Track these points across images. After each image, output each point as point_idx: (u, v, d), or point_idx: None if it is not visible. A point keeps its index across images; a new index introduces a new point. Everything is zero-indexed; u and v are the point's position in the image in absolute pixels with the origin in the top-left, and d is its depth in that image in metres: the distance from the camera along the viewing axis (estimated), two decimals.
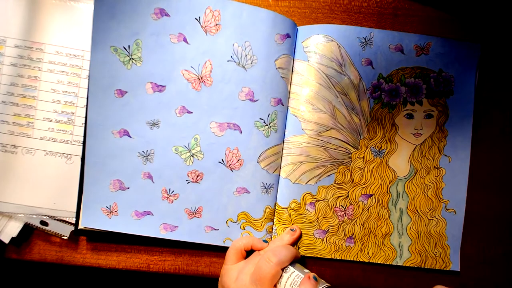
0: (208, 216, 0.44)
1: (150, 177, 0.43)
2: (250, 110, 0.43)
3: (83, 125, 0.43)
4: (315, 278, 0.37)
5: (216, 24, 0.42)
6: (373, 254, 0.45)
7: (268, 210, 0.45)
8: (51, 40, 0.43)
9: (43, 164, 0.43)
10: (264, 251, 0.40)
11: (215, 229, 0.44)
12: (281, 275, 0.38)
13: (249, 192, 0.44)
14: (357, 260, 0.45)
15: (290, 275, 0.37)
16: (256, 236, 0.44)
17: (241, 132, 0.43)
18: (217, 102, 0.43)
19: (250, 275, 0.37)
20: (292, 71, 0.45)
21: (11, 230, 0.43)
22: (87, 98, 0.41)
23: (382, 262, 0.45)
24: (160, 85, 0.42)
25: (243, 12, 0.42)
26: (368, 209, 0.45)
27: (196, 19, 0.42)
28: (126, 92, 0.41)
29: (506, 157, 0.46)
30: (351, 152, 0.45)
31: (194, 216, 0.44)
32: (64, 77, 0.43)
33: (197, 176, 0.43)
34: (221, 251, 0.45)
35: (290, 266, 0.38)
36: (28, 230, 0.44)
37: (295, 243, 0.44)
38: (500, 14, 0.46)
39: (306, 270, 0.39)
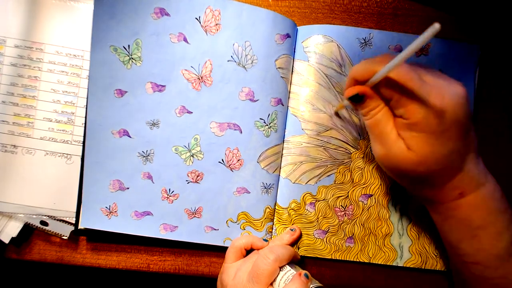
0: (208, 216, 0.44)
1: (150, 177, 0.43)
2: (250, 110, 0.43)
3: (83, 125, 0.43)
4: (306, 276, 0.36)
5: (216, 24, 0.42)
6: (373, 254, 0.45)
7: (268, 210, 0.45)
8: (51, 40, 0.43)
9: (43, 164, 0.43)
10: (262, 249, 0.40)
11: (215, 229, 0.44)
12: (278, 273, 0.37)
13: (249, 192, 0.44)
14: (357, 260, 0.45)
15: (285, 273, 0.37)
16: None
17: (241, 132, 0.43)
18: (217, 102, 0.43)
19: (247, 273, 0.37)
20: (292, 71, 0.45)
21: (11, 230, 0.43)
22: (87, 98, 0.41)
23: (382, 263, 0.45)
24: (160, 85, 0.42)
25: (243, 12, 0.42)
26: (368, 209, 0.45)
27: (196, 18, 0.42)
28: (126, 92, 0.41)
29: (506, 157, 0.46)
30: (351, 152, 0.45)
31: (194, 216, 0.44)
32: (64, 77, 0.43)
33: (197, 176, 0.43)
34: (221, 251, 0.45)
35: (287, 265, 0.38)
36: (28, 230, 0.44)
37: (294, 243, 0.44)
38: (500, 14, 0.46)
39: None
